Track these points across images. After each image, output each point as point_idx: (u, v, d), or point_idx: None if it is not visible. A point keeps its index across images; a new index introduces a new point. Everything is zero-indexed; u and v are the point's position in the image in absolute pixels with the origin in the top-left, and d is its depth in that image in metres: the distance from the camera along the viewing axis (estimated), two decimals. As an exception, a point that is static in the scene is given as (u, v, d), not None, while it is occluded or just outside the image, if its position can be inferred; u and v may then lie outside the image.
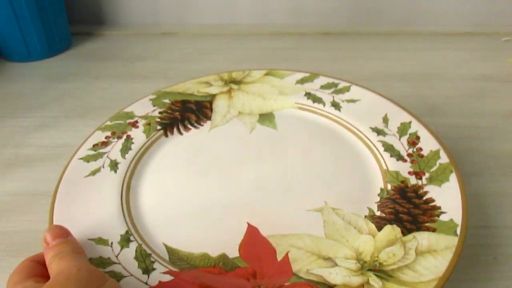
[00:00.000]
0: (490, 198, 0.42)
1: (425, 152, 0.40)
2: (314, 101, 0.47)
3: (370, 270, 0.31)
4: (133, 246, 0.34)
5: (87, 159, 0.42)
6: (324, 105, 0.47)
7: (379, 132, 0.43)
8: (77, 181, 0.39)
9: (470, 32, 0.73)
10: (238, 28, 0.78)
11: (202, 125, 0.47)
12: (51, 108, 0.59)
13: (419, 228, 0.34)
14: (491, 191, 0.42)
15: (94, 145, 0.43)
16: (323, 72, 0.51)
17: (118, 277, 0.32)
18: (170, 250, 0.35)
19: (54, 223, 0.35)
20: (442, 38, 0.72)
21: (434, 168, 0.39)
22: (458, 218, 0.34)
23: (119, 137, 0.44)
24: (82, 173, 0.40)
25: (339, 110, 0.46)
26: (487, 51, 0.68)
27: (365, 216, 0.36)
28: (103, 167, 0.41)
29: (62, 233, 0.32)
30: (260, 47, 0.72)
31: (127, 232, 0.35)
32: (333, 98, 0.47)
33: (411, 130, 0.42)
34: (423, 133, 0.42)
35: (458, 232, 0.33)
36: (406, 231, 0.34)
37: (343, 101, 0.47)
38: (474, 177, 0.44)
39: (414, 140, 0.41)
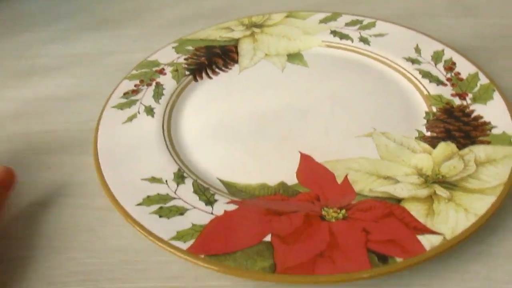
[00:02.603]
0: None
1: (463, 76, 0.40)
2: (341, 38, 0.47)
3: (434, 182, 0.31)
4: (188, 182, 0.33)
5: (121, 106, 0.40)
6: (352, 41, 0.46)
7: (413, 61, 0.43)
8: (115, 127, 0.38)
9: None
10: None
11: (231, 69, 0.46)
12: (65, 22, 0.60)
13: (473, 142, 0.34)
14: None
15: (124, 93, 0.42)
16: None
17: (181, 210, 0.31)
18: (226, 184, 0.34)
19: (102, 168, 0.34)
20: None
21: (476, 89, 0.39)
22: (510, 130, 0.34)
23: (149, 85, 0.43)
24: (119, 120, 0.39)
25: (369, 44, 0.46)
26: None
27: (415, 138, 0.36)
28: (139, 113, 0.40)
29: None
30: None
31: (179, 170, 0.34)
32: (360, 34, 0.47)
33: (445, 57, 0.42)
34: (458, 58, 0.42)
35: (513, 141, 0.33)
36: (461, 146, 0.34)
37: (370, 36, 0.46)
38: None
39: (450, 66, 0.41)
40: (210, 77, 0.45)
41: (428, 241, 0.27)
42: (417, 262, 0.26)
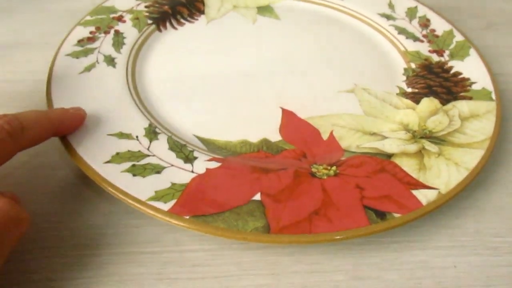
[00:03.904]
0: (497, 49, 0.42)
1: (438, 33, 0.40)
2: (313, -9, 0.44)
3: (422, 138, 0.31)
4: (162, 138, 0.30)
5: (76, 55, 0.35)
6: (324, -6, 0.44)
7: (388, 17, 0.41)
8: (71, 78, 0.33)
9: None
10: None
11: (197, 19, 0.42)
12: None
13: (456, 98, 0.34)
14: (498, 43, 0.43)
15: (79, 41, 0.36)
16: None
17: (158, 168, 0.28)
18: (204, 141, 0.31)
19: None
20: None
21: (452, 46, 0.38)
22: (489, 85, 0.34)
23: (106, 32, 0.38)
24: (75, 70, 0.34)
25: (341, -1, 0.44)
26: None
27: (397, 94, 0.35)
28: (98, 63, 0.35)
29: None
30: None
31: (150, 125, 0.31)
32: (332, -13, 0.45)
33: (419, 14, 0.42)
34: (432, 15, 0.41)
35: (494, 97, 0.33)
36: (444, 102, 0.33)
37: (343, -11, 0.44)
38: (481, 31, 0.44)
39: (425, 23, 0.41)
40: (175, 28, 0.41)
41: (423, 196, 0.27)
42: (416, 217, 0.26)
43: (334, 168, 0.28)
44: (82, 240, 0.27)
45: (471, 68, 0.36)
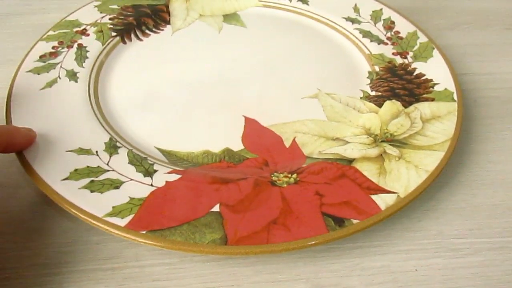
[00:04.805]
0: (463, 48, 0.42)
1: (403, 35, 0.40)
2: (278, -3, 0.44)
3: (383, 141, 0.31)
4: (123, 152, 0.30)
5: (37, 71, 0.35)
6: (290, 0, 0.44)
7: (353, 21, 0.42)
8: (32, 95, 0.33)
9: None
10: None
11: (163, 30, 0.42)
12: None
13: (418, 100, 0.34)
14: (465, 42, 0.43)
15: (41, 56, 0.36)
16: None
17: (116, 183, 0.27)
18: (166, 153, 0.31)
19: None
20: None
21: (416, 47, 0.38)
22: (451, 86, 0.34)
23: (69, 47, 0.38)
24: (36, 86, 0.34)
25: (307, 4, 0.44)
26: None
27: (361, 98, 0.35)
28: (60, 78, 0.35)
29: None
30: None
31: (111, 139, 0.30)
32: (298, -7, 0.45)
33: (384, 17, 0.42)
34: (397, 17, 0.42)
35: (455, 97, 0.34)
36: (406, 104, 0.33)
37: (308, -5, 0.44)
38: (448, 31, 0.45)
39: (389, 25, 0.41)
40: (140, 39, 0.40)
41: (382, 201, 0.27)
42: (374, 223, 0.25)
43: (294, 175, 0.28)
44: (41, 259, 0.26)
45: (434, 69, 0.36)
